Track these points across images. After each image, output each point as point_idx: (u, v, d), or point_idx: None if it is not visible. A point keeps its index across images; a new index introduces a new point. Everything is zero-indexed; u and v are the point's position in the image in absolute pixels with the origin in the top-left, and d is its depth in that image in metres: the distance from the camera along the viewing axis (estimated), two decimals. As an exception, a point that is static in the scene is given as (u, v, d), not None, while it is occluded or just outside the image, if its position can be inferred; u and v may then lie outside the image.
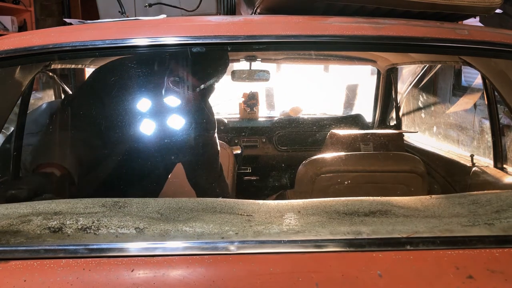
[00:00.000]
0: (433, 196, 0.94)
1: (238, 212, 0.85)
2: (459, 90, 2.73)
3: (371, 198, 0.91)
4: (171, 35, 1.03)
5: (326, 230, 0.79)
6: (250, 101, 2.97)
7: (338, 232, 0.79)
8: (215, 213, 0.85)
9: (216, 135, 1.49)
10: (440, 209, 0.88)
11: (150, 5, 1.75)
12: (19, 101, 1.38)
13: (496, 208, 0.87)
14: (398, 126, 2.72)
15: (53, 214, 0.82)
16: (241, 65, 2.69)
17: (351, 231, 0.79)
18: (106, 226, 0.79)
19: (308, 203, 0.90)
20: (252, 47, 1.13)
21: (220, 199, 0.91)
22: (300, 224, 0.82)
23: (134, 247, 0.78)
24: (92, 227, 0.79)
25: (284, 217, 0.85)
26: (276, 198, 1.45)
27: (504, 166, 1.72)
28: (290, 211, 0.88)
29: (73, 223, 0.79)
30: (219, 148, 1.51)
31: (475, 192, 0.96)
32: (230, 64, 2.57)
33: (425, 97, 2.93)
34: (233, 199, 0.92)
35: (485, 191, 0.96)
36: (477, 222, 0.82)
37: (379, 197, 0.91)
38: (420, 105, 2.95)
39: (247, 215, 0.84)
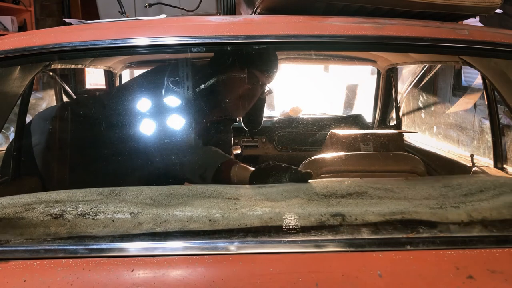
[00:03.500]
0: (409, 178, 0.97)
1: (225, 196, 0.90)
2: (459, 90, 2.73)
3: (350, 179, 0.97)
4: (171, 35, 1.03)
5: (305, 211, 0.84)
6: (250, 101, 2.97)
7: (316, 213, 0.83)
8: (204, 198, 0.89)
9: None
10: (414, 191, 0.94)
11: (150, 5, 1.75)
12: (19, 101, 1.38)
13: (465, 191, 0.93)
14: (398, 126, 2.72)
15: (55, 202, 0.85)
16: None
17: (327, 212, 0.84)
18: (103, 212, 0.83)
19: (291, 187, 0.95)
20: (252, 47, 1.13)
21: (209, 185, 0.95)
22: (281, 206, 0.86)
23: (134, 247, 0.78)
24: (91, 213, 0.82)
25: (266, 200, 0.89)
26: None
27: (504, 166, 1.72)
28: (274, 194, 0.93)
29: (73, 210, 0.83)
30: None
31: (448, 176, 1.01)
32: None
33: (425, 97, 2.93)
34: (221, 185, 0.96)
35: (458, 175, 1.01)
36: (444, 205, 0.86)
37: (357, 179, 0.96)
38: (420, 105, 2.95)
39: (234, 198, 0.89)
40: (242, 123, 1.58)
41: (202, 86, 1.39)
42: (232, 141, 1.62)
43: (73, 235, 0.80)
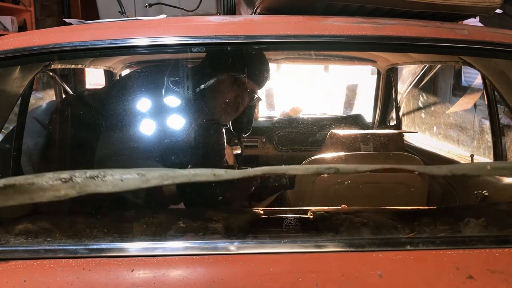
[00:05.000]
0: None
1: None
2: (459, 90, 2.73)
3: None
4: (171, 35, 1.03)
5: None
6: (250, 101, 2.97)
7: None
8: None
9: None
10: None
11: (150, 5, 1.75)
12: (19, 101, 1.38)
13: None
14: (398, 126, 2.72)
15: (63, 171, 0.86)
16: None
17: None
18: (111, 174, 0.83)
19: None
20: (252, 47, 1.12)
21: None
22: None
23: (134, 247, 0.78)
24: (99, 176, 0.83)
25: None
26: (276, 198, 1.46)
27: (504, 166, 1.72)
28: None
29: (81, 174, 0.84)
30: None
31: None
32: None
33: (425, 97, 2.93)
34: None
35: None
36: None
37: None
38: (420, 105, 2.95)
39: None
40: (231, 128, 1.57)
41: (190, 89, 1.38)
42: (225, 143, 1.60)
43: (82, 194, 0.81)
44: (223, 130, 1.57)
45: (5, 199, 0.80)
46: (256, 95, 1.49)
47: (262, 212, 1.01)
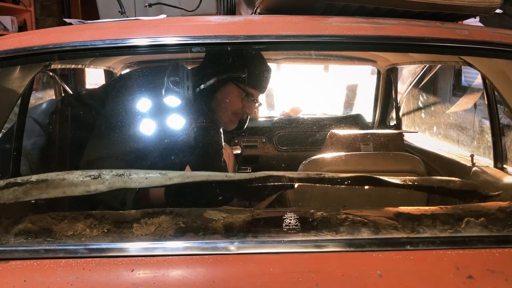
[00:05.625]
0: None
1: None
2: (459, 90, 2.73)
3: None
4: (171, 35, 1.03)
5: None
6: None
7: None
8: None
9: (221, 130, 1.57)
10: None
11: (150, 5, 1.75)
12: (19, 101, 1.38)
13: None
14: (398, 126, 2.72)
15: (91, 170, 0.92)
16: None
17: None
18: (136, 173, 0.90)
19: None
20: (252, 47, 1.12)
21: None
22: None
23: (134, 247, 0.78)
24: (125, 174, 0.89)
25: None
26: (276, 198, 1.46)
27: (504, 166, 1.72)
28: None
29: (109, 173, 0.90)
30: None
31: None
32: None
33: (425, 97, 2.93)
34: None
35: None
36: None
37: None
38: (420, 105, 2.95)
39: None
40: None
41: (190, 90, 1.38)
42: (223, 143, 1.60)
43: (113, 189, 0.87)
44: (221, 130, 1.57)
45: (39, 192, 0.85)
46: (258, 102, 1.49)
47: (262, 212, 1.01)
